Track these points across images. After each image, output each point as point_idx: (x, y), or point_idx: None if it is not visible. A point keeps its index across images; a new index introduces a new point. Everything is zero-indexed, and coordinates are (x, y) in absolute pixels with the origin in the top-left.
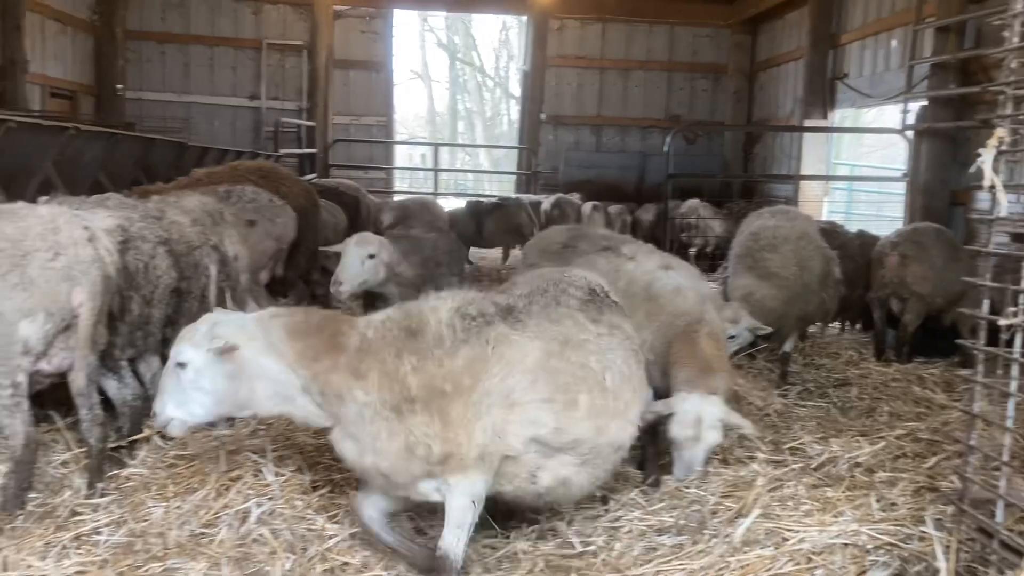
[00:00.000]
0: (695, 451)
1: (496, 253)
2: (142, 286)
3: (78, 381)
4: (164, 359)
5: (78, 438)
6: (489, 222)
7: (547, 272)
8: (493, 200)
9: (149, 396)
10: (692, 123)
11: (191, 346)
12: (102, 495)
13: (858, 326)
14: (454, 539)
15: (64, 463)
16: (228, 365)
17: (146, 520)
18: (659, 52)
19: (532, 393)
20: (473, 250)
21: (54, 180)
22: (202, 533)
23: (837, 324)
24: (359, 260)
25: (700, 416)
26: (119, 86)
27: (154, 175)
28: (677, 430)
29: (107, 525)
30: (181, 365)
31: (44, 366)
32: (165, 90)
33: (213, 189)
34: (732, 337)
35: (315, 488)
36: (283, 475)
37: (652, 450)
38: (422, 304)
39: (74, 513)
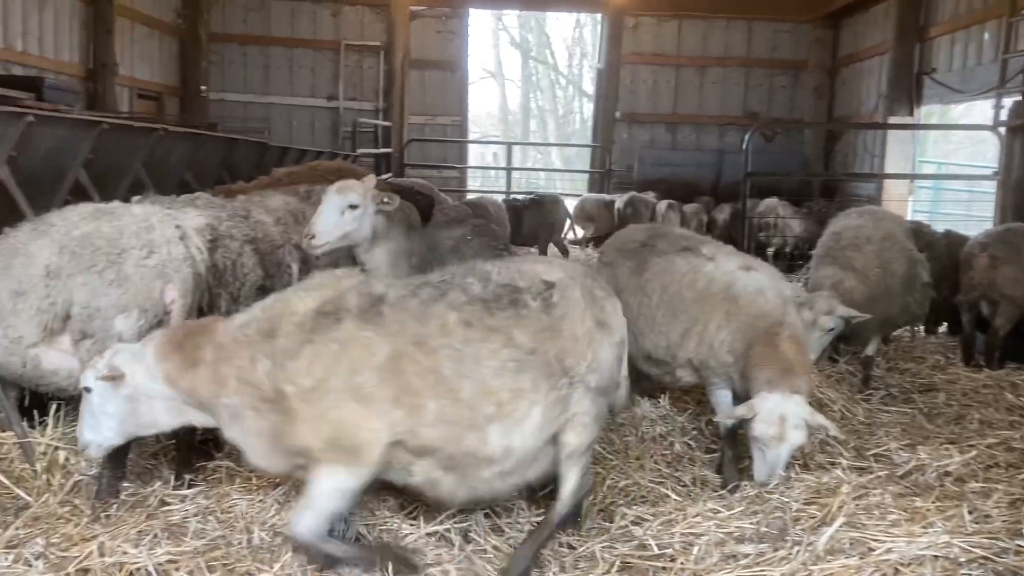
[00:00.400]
0: (779, 451)
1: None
2: (230, 284)
3: None
4: None
5: None
6: (526, 217)
7: (482, 265)
8: (530, 196)
9: None
10: (771, 120)
11: (92, 374)
12: (189, 486)
13: (942, 328)
14: (301, 518)
15: (154, 454)
16: (125, 390)
17: (230, 512)
18: (737, 48)
19: (382, 390)
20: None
21: (144, 179)
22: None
23: (921, 327)
24: (338, 209)
25: (784, 415)
26: (203, 87)
27: (236, 174)
28: (761, 429)
29: (194, 515)
30: (87, 390)
31: None
32: (246, 91)
33: (293, 189)
34: (831, 330)
35: (386, 486)
36: None
37: (730, 454)
38: (288, 300)
39: (163, 503)
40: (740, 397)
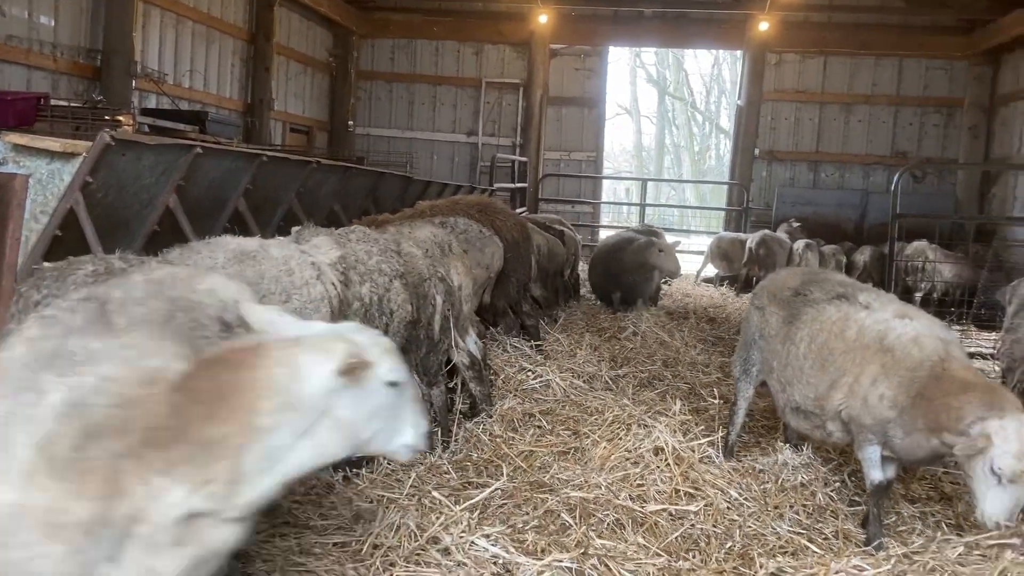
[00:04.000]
0: None
1: None
2: (376, 319)
3: None
4: None
5: None
6: None
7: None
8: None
9: None
10: (922, 160)
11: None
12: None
13: None
14: None
15: None
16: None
17: None
18: (885, 86)
19: None
20: None
21: (296, 209)
22: None
23: None
24: None
25: None
26: (350, 122)
27: (381, 206)
28: (1007, 460)
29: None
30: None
31: None
32: (390, 126)
33: (430, 220)
34: None
35: None
36: None
37: (876, 511)
38: None
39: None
40: (898, 453)
